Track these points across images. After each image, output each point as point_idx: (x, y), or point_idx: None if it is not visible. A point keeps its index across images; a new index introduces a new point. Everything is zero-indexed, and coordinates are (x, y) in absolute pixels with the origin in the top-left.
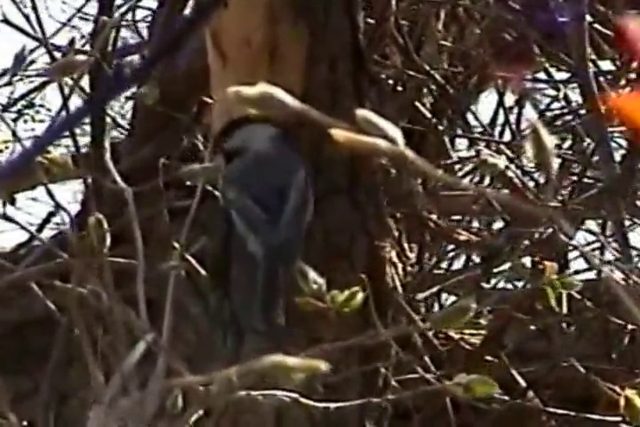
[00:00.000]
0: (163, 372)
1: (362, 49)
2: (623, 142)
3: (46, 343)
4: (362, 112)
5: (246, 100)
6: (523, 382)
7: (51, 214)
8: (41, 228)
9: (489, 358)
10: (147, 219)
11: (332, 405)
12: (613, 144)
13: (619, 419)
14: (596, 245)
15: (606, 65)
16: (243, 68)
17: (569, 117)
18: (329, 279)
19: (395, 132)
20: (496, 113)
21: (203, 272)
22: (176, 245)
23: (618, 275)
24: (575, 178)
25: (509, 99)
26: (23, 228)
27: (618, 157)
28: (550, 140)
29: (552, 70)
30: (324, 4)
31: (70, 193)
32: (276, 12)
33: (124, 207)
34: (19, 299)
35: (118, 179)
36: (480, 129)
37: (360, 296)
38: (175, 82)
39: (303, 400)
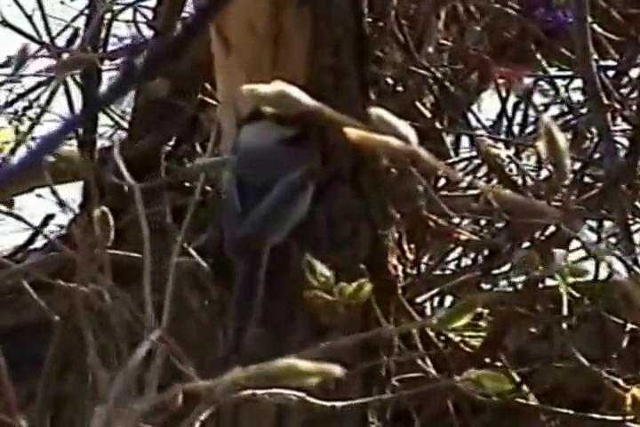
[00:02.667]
0: (159, 368)
1: (366, 34)
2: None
3: (42, 349)
4: (374, 110)
5: (260, 98)
6: (525, 387)
7: (49, 217)
8: (39, 230)
9: (490, 360)
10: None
11: (337, 404)
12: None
13: (619, 418)
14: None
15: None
16: (247, 54)
17: (570, 116)
18: (331, 269)
19: (407, 129)
20: (502, 111)
21: (204, 265)
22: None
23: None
24: (576, 176)
25: (512, 96)
26: (28, 224)
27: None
28: (563, 140)
29: (552, 70)
30: None
31: (71, 194)
32: None
33: (126, 203)
34: (14, 303)
35: (126, 174)
36: (482, 128)
37: (368, 288)
38: (179, 70)
39: (310, 399)
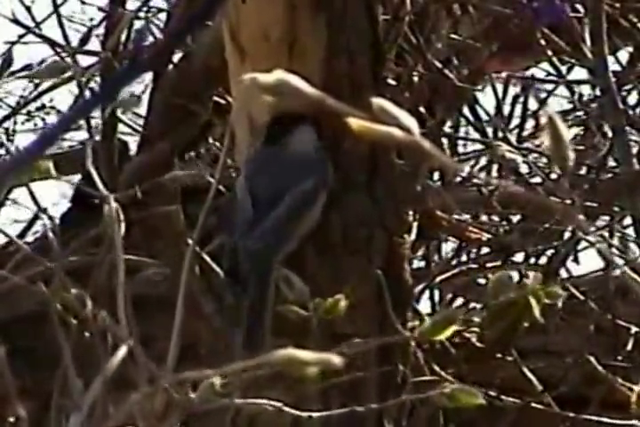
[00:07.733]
0: (172, 367)
1: (380, 41)
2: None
3: (34, 343)
4: (377, 100)
5: (262, 87)
6: (537, 382)
7: (35, 218)
8: (25, 231)
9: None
10: (162, 216)
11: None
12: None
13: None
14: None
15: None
16: (261, 62)
17: (578, 113)
18: (347, 275)
19: (410, 121)
20: (498, 106)
21: (218, 270)
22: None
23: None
24: (588, 174)
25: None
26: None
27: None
28: (567, 132)
29: (557, 64)
30: None
31: (57, 192)
32: (294, 5)
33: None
34: (5, 296)
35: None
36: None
37: (343, 304)
38: (192, 77)
39: (287, 409)
